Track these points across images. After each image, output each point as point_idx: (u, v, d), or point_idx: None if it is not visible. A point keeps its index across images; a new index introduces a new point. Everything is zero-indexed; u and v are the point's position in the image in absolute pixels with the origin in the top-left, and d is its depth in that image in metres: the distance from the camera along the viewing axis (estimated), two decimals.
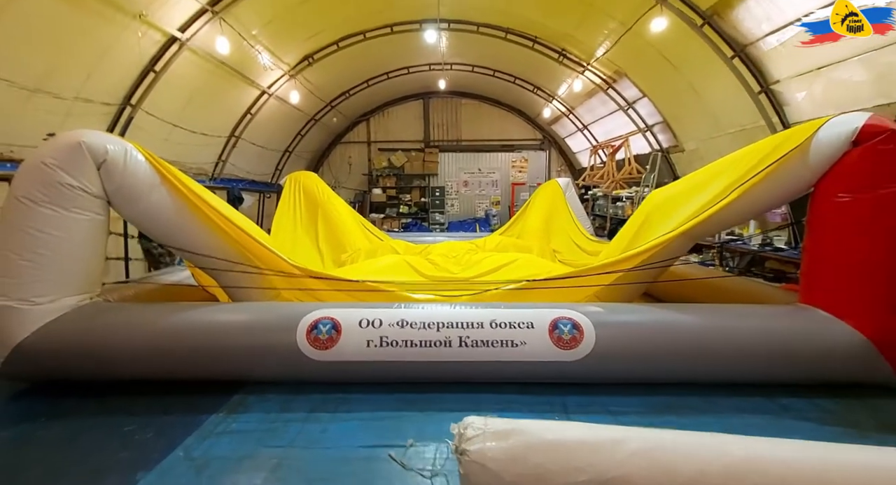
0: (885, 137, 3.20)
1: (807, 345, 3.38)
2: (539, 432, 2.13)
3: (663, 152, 9.14)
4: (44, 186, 3.35)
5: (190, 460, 2.56)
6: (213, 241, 4.05)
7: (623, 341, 3.43)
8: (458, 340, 3.40)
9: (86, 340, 3.33)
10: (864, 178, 3.30)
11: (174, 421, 2.98)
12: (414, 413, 3.11)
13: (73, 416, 3.06)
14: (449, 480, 2.36)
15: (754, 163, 3.73)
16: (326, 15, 8.26)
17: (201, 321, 3.53)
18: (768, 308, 3.83)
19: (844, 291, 3.46)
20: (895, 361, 3.30)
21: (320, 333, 3.40)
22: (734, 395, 3.34)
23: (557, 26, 8.72)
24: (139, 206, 3.73)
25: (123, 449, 2.68)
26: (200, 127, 7.98)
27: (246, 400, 3.30)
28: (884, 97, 4.55)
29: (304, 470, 2.48)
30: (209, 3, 6.04)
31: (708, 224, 3.92)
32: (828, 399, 3.26)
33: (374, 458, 2.58)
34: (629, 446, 2.03)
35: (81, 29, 4.99)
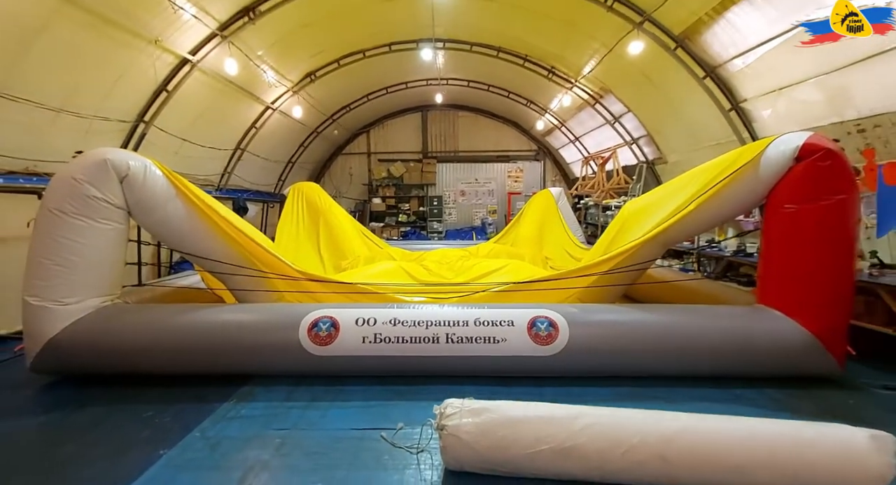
0: (821, 154, 3.62)
1: (760, 341, 3.76)
2: (507, 410, 2.52)
3: (648, 164, 9.56)
4: (73, 199, 3.77)
5: (205, 439, 2.93)
6: (222, 247, 4.45)
7: (595, 338, 3.81)
8: (444, 336, 3.79)
9: (109, 338, 3.72)
10: (807, 190, 3.70)
11: (189, 408, 3.36)
12: (403, 402, 3.48)
13: (98, 404, 3.43)
14: (432, 455, 2.73)
15: (713, 176, 4.14)
16: (328, 36, 8.75)
17: (213, 321, 3.92)
18: (728, 308, 4.21)
19: (794, 292, 3.84)
20: (838, 355, 3.67)
21: (320, 330, 3.79)
22: (694, 386, 3.70)
23: (546, 46, 9.21)
24: (156, 216, 4.15)
25: (145, 430, 3.06)
26: (208, 141, 8.42)
27: (253, 391, 3.68)
28: (837, 116, 4.97)
29: (304, 447, 2.85)
30: (219, 28, 6.51)
31: (673, 231, 4.32)
32: (776, 389, 3.63)
33: (367, 438, 2.95)
34: (582, 421, 2.42)
35: (103, 54, 5.44)
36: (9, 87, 4.66)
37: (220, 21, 6.48)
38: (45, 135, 5.40)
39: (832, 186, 3.63)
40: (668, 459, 2.25)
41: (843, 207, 3.64)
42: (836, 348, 3.70)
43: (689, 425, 2.34)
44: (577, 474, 2.36)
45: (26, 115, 5.00)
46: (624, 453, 2.29)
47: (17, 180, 5.00)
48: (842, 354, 3.71)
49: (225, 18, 6.51)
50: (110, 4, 4.97)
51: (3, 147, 4.94)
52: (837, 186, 3.62)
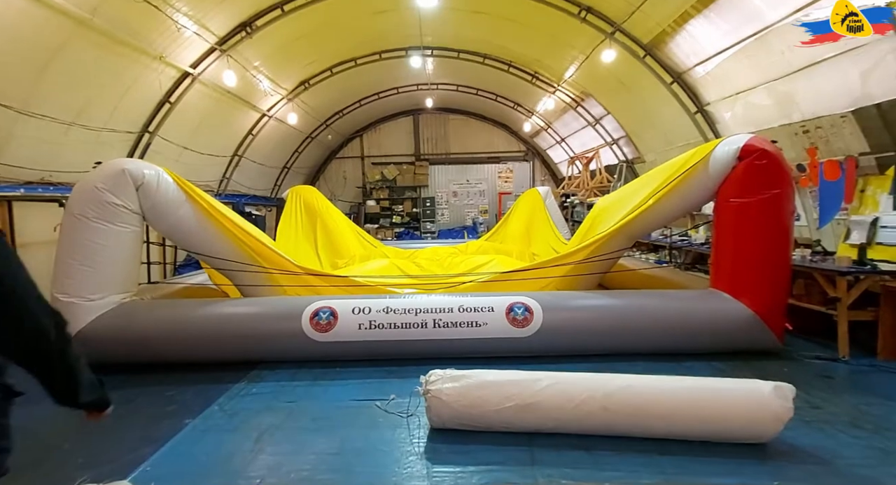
0: (758, 154, 4.13)
1: (711, 320, 4.27)
2: (480, 375, 3.01)
3: (628, 163, 10.08)
4: (95, 205, 4.21)
5: (223, 411, 3.39)
6: (229, 247, 4.91)
7: (566, 320, 4.30)
8: (432, 322, 4.26)
9: (131, 330, 4.16)
10: (747, 186, 4.21)
11: (206, 389, 3.81)
12: (395, 379, 3.96)
13: (125, 387, 3.87)
14: (419, 418, 3.19)
15: (670, 174, 4.65)
16: (320, 46, 9.21)
17: (225, 313, 4.39)
18: (684, 292, 4.73)
19: (739, 276, 4.36)
20: (776, 330, 4.19)
21: (321, 319, 4.25)
22: (652, 362, 4.18)
23: (529, 53, 9.72)
24: (169, 219, 4.60)
25: (171, 405, 3.52)
26: (208, 148, 8.85)
27: (262, 373, 4.14)
28: (785, 118, 5.49)
29: (310, 414, 3.32)
30: (218, 42, 6.95)
31: (636, 224, 4.82)
32: (722, 362, 4.13)
33: (364, 407, 3.42)
34: (542, 383, 2.91)
35: (112, 70, 5.87)
36: (28, 104, 5.09)
37: (218, 36, 6.92)
38: (58, 147, 5.82)
39: (768, 182, 4.14)
40: (609, 409, 2.74)
41: (778, 201, 4.15)
42: (776, 325, 4.21)
43: (627, 382, 2.83)
44: (537, 425, 2.84)
45: (42, 129, 5.42)
46: (575, 407, 2.77)
47: (35, 189, 5.42)
48: (780, 329, 4.23)
49: (223, 33, 6.95)
50: (120, 25, 5.40)
51: (21, 159, 5.36)
52: (773, 181, 4.14)
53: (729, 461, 2.58)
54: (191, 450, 2.85)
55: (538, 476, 2.50)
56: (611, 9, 6.75)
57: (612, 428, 2.77)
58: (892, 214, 4.53)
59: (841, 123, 4.91)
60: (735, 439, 2.69)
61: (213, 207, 4.77)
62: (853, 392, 3.55)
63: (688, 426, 2.69)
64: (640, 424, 2.73)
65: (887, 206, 4.59)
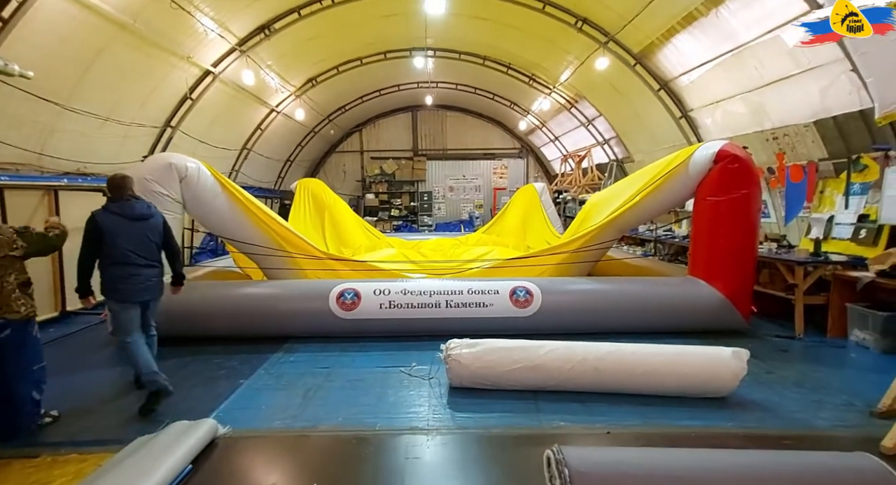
0: (730, 158, 4.75)
1: (687, 303, 4.91)
2: (492, 343, 3.60)
3: (618, 162, 10.72)
4: (144, 195, 4.61)
5: (269, 374, 3.94)
6: (257, 233, 5.40)
7: (562, 303, 4.90)
8: (444, 303, 4.84)
9: (178, 307, 4.62)
10: (721, 186, 4.83)
11: (249, 357, 4.34)
12: (414, 351, 4.52)
13: (176, 356, 4.38)
14: (440, 380, 3.76)
15: (655, 174, 5.25)
16: (329, 47, 9.64)
17: (261, 293, 4.92)
18: (666, 279, 5.36)
19: (713, 265, 4.99)
20: (744, 312, 4.84)
21: (346, 299, 4.79)
22: (635, 339, 4.72)
23: (527, 56, 10.26)
24: (206, 208, 5.09)
25: (221, 370, 4.05)
26: (221, 142, 9.26)
27: (294, 346, 4.68)
28: (758, 125, 6.14)
29: (344, 377, 3.88)
30: (238, 43, 7.37)
31: (624, 219, 5.42)
32: (696, 340, 4.71)
33: (390, 372, 3.99)
34: (545, 349, 3.51)
35: (144, 69, 6.28)
36: (71, 100, 5.50)
37: (239, 37, 7.34)
38: (91, 141, 6.23)
39: (739, 183, 4.76)
40: (600, 370, 3.34)
41: (747, 199, 4.78)
42: (743, 308, 4.86)
43: (614, 348, 3.44)
44: (540, 383, 3.43)
45: (81, 124, 5.84)
46: (571, 368, 3.37)
47: (76, 180, 5.85)
48: (747, 312, 4.88)
49: (243, 35, 7.37)
50: (155, 28, 5.81)
51: (62, 151, 5.78)
52: (743, 183, 4.76)
53: (696, 409, 3.20)
54: (251, 403, 3.39)
55: (542, 421, 3.10)
56: (605, 20, 7.31)
57: (603, 385, 3.37)
58: (844, 213, 5.21)
59: (804, 132, 5.57)
60: (702, 393, 3.31)
61: (246, 198, 5.27)
62: (802, 362, 4.22)
63: (663, 383, 3.31)
64: (625, 381, 3.34)
65: (840, 205, 5.26)
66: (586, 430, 2.98)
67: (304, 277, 5.59)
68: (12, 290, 2.78)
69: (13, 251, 2.77)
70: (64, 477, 2.50)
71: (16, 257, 2.78)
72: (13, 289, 2.78)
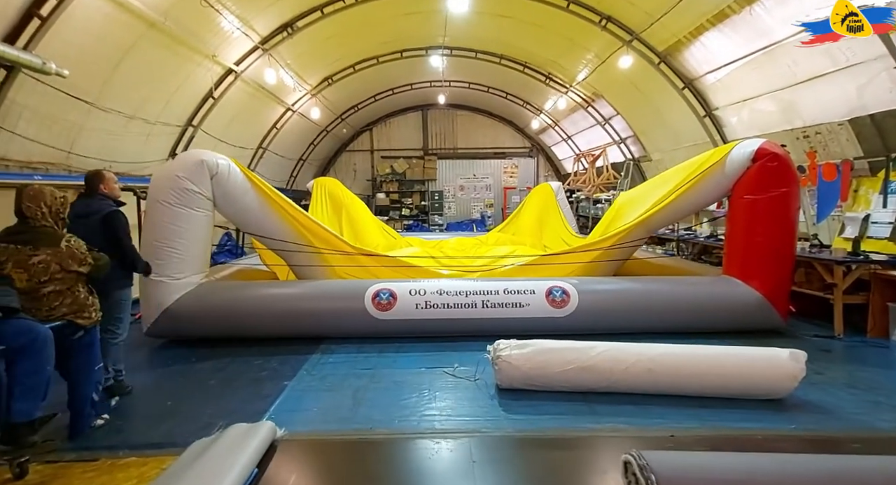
0: (770, 157, 4.71)
1: (725, 302, 4.86)
2: (542, 343, 3.56)
3: (635, 161, 10.67)
4: (176, 192, 4.60)
5: (312, 376, 3.90)
6: (286, 230, 5.34)
7: (598, 302, 4.86)
8: (481, 303, 4.79)
9: (214, 308, 4.63)
10: (760, 184, 4.79)
11: (287, 359, 4.30)
12: (452, 353, 4.47)
13: (214, 358, 4.34)
14: (486, 381, 3.71)
15: (689, 172, 5.21)
16: (347, 45, 9.59)
17: (295, 293, 4.88)
18: (701, 278, 5.32)
19: (749, 263, 4.95)
20: (781, 311, 4.80)
21: (382, 299, 4.75)
22: (672, 341, 4.68)
23: (545, 54, 10.21)
24: (237, 205, 5.03)
25: (262, 371, 4.01)
26: (239, 141, 9.22)
27: (331, 347, 4.64)
28: (788, 124, 6.09)
29: (390, 378, 3.83)
30: (261, 41, 7.34)
31: (658, 217, 5.38)
32: (734, 340, 4.61)
33: (434, 373, 3.94)
34: (598, 349, 3.47)
35: (170, 68, 6.25)
36: (101, 99, 5.46)
37: (262, 36, 7.30)
38: (116, 139, 6.19)
39: (778, 182, 4.72)
40: (654, 371, 3.30)
41: (786, 198, 4.74)
42: (781, 307, 4.82)
43: (667, 349, 3.40)
44: (592, 384, 3.39)
45: (109, 123, 5.80)
46: (625, 369, 3.33)
47: None
48: (785, 311, 4.84)
49: (266, 33, 7.32)
50: (183, 26, 5.77)
51: (89, 151, 5.74)
52: (782, 181, 4.72)
53: (753, 411, 3.16)
54: (300, 404, 3.35)
55: (600, 422, 3.06)
56: (630, 18, 7.27)
57: (656, 387, 3.33)
58: (882, 212, 5.17)
59: (838, 130, 5.52)
60: (758, 395, 3.27)
61: (275, 195, 5.20)
62: (848, 362, 4.18)
63: (719, 384, 3.27)
64: (680, 383, 3.30)
65: (877, 204, 5.22)
66: (647, 432, 2.93)
67: (332, 273, 5.53)
68: (86, 297, 2.80)
69: (81, 267, 2.76)
70: (129, 481, 2.46)
71: (80, 274, 2.76)
72: (86, 296, 2.80)
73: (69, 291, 2.74)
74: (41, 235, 2.64)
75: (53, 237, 2.67)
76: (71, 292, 2.74)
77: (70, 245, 2.71)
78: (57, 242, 2.67)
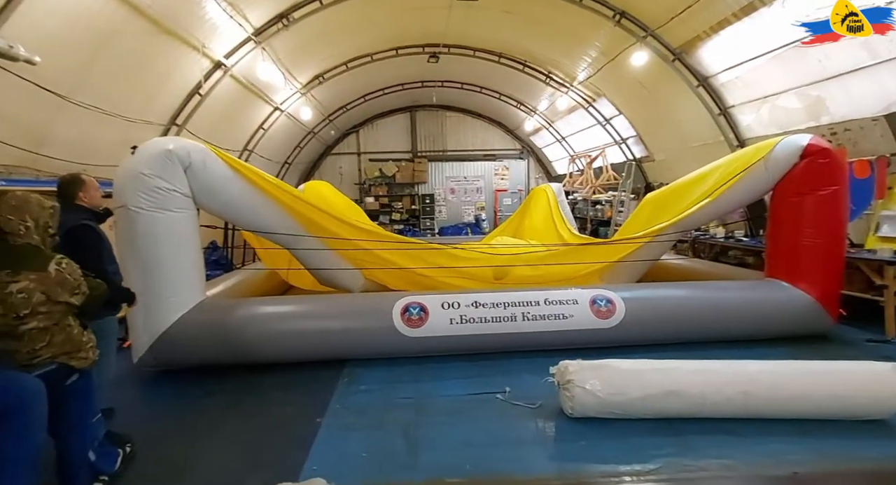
0: (820, 153, 4.47)
1: (773, 306, 4.57)
2: (619, 364, 3.12)
3: (636, 162, 10.50)
4: (146, 193, 3.77)
5: (347, 409, 3.35)
6: (286, 219, 4.62)
7: (646, 310, 4.49)
8: (521, 315, 4.34)
9: (217, 332, 3.98)
10: (809, 183, 4.55)
11: (310, 389, 3.71)
12: (496, 374, 3.98)
13: (222, 393, 3.70)
14: (548, 408, 3.25)
15: (729, 170, 4.93)
16: (341, 41, 9.02)
17: (314, 311, 4.29)
18: (746, 282, 5.04)
19: (797, 265, 4.69)
20: (833, 313, 4.56)
21: (412, 314, 4.24)
22: (726, 349, 4.34)
23: (546, 53, 9.91)
24: (221, 198, 4.26)
25: (285, 407, 3.42)
26: (225, 142, 8.45)
27: (355, 372, 4.07)
28: (814, 121, 5.94)
29: (437, 408, 3.33)
30: (254, 33, 6.70)
31: (698, 215, 5.06)
32: (788, 348, 4.35)
33: (486, 400, 3.46)
34: (682, 369, 3.06)
35: (154, 59, 5.56)
36: (73, 92, 4.74)
37: (255, 27, 6.66)
38: (91, 138, 5.43)
39: (829, 180, 4.49)
40: (749, 393, 2.93)
41: (836, 196, 4.52)
42: (832, 310, 4.59)
43: (763, 367, 3.05)
44: (680, 411, 2.99)
45: (83, 120, 5.07)
46: (716, 391, 2.95)
47: None
48: (836, 314, 4.61)
49: (260, 24, 6.70)
50: (168, 13, 5.11)
51: (60, 152, 4.98)
52: (832, 179, 4.49)
53: (861, 435, 2.83)
54: (344, 448, 2.81)
55: (701, 458, 2.65)
56: (646, 14, 7.02)
57: (749, 410, 2.96)
58: None
59: (871, 126, 5.37)
60: (861, 415, 2.94)
61: (266, 180, 4.54)
62: None
63: (819, 405, 2.92)
64: (776, 406, 2.93)
65: None
66: (763, 470, 2.54)
67: (344, 260, 4.89)
68: (80, 333, 2.19)
69: (73, 297, 2.15)
70: None
71: (71, 305, 2.14)
72: (80, 332, 2.18)
73: (57, 327, 2.12)
74: (23, 256, 2.03)
75: (39, 258, 2.06)
76: (60, 328, 2.12)
77: (61, 269, 2.09)
78: (44, 265, 2.05)
